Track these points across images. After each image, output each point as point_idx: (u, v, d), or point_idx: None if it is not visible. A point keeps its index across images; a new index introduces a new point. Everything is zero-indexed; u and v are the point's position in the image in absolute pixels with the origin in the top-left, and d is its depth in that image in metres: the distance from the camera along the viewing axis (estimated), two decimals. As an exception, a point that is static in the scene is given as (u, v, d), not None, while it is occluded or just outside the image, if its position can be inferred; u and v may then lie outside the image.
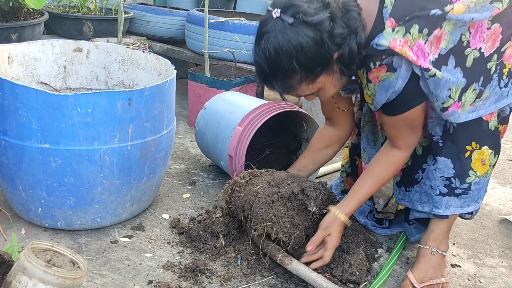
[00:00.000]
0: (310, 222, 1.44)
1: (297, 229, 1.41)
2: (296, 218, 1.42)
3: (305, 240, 1.44)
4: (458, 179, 1.40)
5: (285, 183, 1.46)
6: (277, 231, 1.39)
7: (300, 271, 1.35)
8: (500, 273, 1.60)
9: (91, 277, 1.34)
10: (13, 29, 2.41)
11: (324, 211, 1.44)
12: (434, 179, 1.42)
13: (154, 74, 1.83)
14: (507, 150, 2.87)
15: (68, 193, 1.44)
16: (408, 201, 1.51)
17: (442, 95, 1.25)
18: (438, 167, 1.40)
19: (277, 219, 1.40)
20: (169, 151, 1.68)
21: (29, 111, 1.34)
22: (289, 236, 1.40)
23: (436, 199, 1.43)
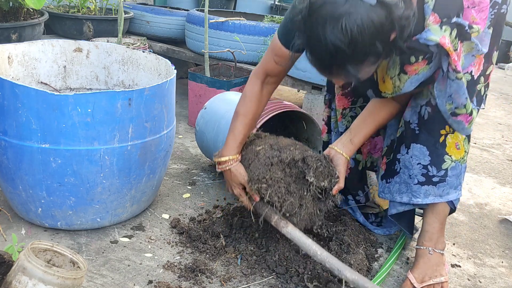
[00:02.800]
0: (306, 192, 1.42)
1: (291, 196, 1.39)
2: (292, 186, 1.41)
3: (297, 209, 1.42)
4: (434, 166, 1.41)
5: (288, 149, 1.43)
6: (271, 194, 1.38)
7: (295, 235, 1.34)
8: (500, 273, 1.60)
9: (91, 277, 1.34)
10: (13, 29, 2.41)
11: (322, 184, 1.41)
12: (412, 168, 1.44)
13: (154, 74, 1.83)
14: (507, 150, 2.87)
15: (68, 193, 1.44)
16: (388, 193, 1.54)
17: (458, 101, 1.29)
18: (414, 154, 1.43)
19: (272, 183, 1.39)
20: (169, 151, 1.68)
21: (29, 111, 1.34)
22: (283, 202, 1.38)
23: (414, 188, 1.45)
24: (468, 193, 2.20)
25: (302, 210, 1.42)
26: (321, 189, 1.42)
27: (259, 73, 1.50)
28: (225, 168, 1.49)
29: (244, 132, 1.50)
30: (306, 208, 1.42)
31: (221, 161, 1.50)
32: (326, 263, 1.29)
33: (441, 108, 1.34)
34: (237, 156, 1.49)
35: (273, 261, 1.45)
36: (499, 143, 3.00)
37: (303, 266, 1.44)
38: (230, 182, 1.51)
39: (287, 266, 1.44)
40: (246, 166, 1.46)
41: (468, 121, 1.35)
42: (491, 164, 2.61)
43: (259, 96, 1.51)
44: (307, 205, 1.42)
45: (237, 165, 1.48)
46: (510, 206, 2.11)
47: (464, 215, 1.98)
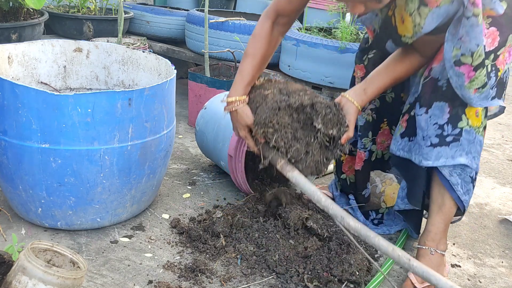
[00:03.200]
0: (313, 139, 1.38)
1: (297, 143, 1.37)
2: (300, 132, 1.38)
3: (303, 156, 1.39)
4: (450, 124, 1.37)
5: (297, 94, 1.39)
6: (277, 139, 1.35)
7: (300, 181, 1.32)
8: (500, 273, 1.60)
9: (91, 277, 1.34)
10: (13, 29, 2.41)
11: (330, 131, 1.37)
12: (427, 129, 1.40)
13: (154, 74, 1.83)
14: (507, 150, 2.87)
15: (68, 193, 1.44)
16: (408, 151, 1.48)
17: (466, 46, 1.23)
18: (433, 114, 1.38)
19: (279, 127, 1.36)
20: (169, 151, 1.68)
21: (29, 111, 1.34)
22: (288, 148, 1.36)
23: (426, 150, 1.40)
24: (468, 193, 2.20)
25: (308, 157, 1.38)
26: (329, 137, 1.38)
27: (269, 12, 1.45)
28: (232, 109, 1.45)
29: (252, 73, 1.45)
30: (312, 155, 1.39)
31: (228, 101, 1.46)
32: (329, 209, 1.26)
33: (447, 55, 1.28)
34: (244, 97, 1.45)
35: (273, 261, 1.45)
36: (499, 143, 2.99)
37: (303, 266, 1.44)
38: (236, 124, 1.48)
39: (287, 266, 1.44)
40: (253, 109, 1.42)
41: (470, 77, 1.27)
42: (491, 164, 2.61)
43: (269, 37, 1.46)
44: (313, 153, 1.38)
45: (244, 107, 1.44)
46: (510, 206, 2.11)
47: (464, 215, 1.98)
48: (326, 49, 2.40)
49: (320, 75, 2.43)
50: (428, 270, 1.10)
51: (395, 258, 1.13)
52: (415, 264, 1.12)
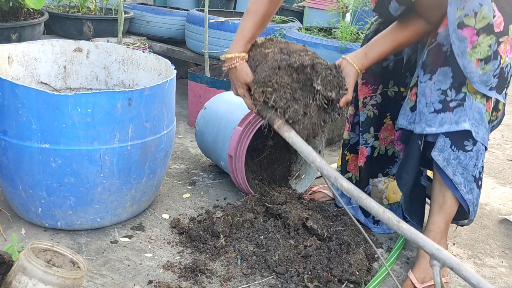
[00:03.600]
0: (312, 100, 1.38)
1: (296, 103, 1.36)
2: (298, 92, 1.37)
3: (301, 117, 1.39)
4: (454, 89, 1.36)
5: (297, 54, 1.38)
6: (276, 99, 1.35)
7: (296, 142, 1.32)
8: (500, 273, 1.60)
9: (91, 277, 1.34)
10: (13, 29, 2.41)
11: (329, 94, 1.37)
12: (430, 95, 1.38)
13: (154, 74, 1.83)
14: (507, 150, 2.87)
15: (68, 193, 1.44)
16: (413, 123, 1.46)
17: (469, 6, 1.24)
18: (438, 79, 1.37)
19: (278, 87, 1.35)
20: (169, 151, 1.68)
21: (29, 111, 1.34)
22: (287, 108, 1.36)
23: (429, 117, 1.38)
24: (468, 193, 2.20)
25: (306, 118, 1.39)
26: (328, 99, 1.38)
27: None
28: (231, 65, 1.43)
29: (252, 31, 1.43)
30: (310, 117, 1.39)
31: (227, 58, 1.44)
32: (323, 170, 1.26)
33: (450, 18, 1.27)
34: (243, 54, 1.43)
35: (273, 261, 1.45)
36: (499, 143, 2.99)
37: (303, 266, 1.44)
38: (234, 81, 1.46)
39: (287, 266, 1.44)
40: (253, 67, 1.41)
41: (473, 42, 1.26)
42: (491, 164, 2.60)
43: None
44: (311, 114, 1.38)
45: (243, 64, 1.42)
46: (510, 206, 2.11)
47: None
48: (326, 49, 2.40)
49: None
50: (416, 232, 1.10)
51: (385, 219, 1.14)
52: (404, 226, 1.11)
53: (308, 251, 1.49)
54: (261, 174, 1.96)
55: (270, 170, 2.00)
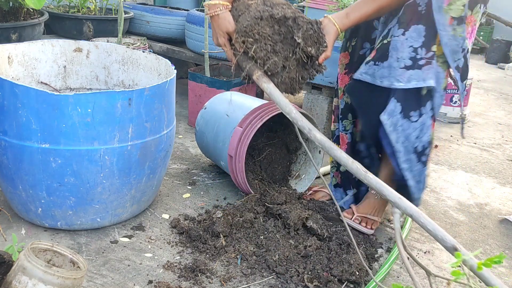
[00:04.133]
0: (291, 54, 1.41)
1: (275, 56, 1.39)
2: (279, 45, 1.40)
3: (280, 70, 1.42)
4: (424, 48, 1.43)
5: (280, 7, 1.42)
6: (256, 49, 1.38)
7: (274, 93, 1.36)
8: (500, 273, 1.60)
9: (91, 277, 1.34)
10: (13, 29, 2.41)
11: (309, 49, 1.40)
12: (403, 50, 1.44)
13: (154, 74, 1.83)
14: (507, 150, 2.87)
15: (68, 193, 1.44)
16: (371, 75, 1.50)
17: None
18: (410, 36, 1.43)
19: (260, 38, 1.38)
20: (169, 151, 1.68)
21: (29, 111, 1.34)
22: (266, 60, 1.38)
23: (399, 72, 1.43)
24: (468, 193, 2.20)
25: (285, 72, 1.42)
26: (307, 55, 1.42)
27: None
28: (214, 13, 1.46)
29: None
30: (289, 71, 1.43)
31: (210, 5, 1.47)
32: (298, 121, 1.30)
33: None
34: (227, 3, 1.46)
35: (273, 261, 1.45)
36: (499, 143, 3.00)
37: (303, 266, 1.44)
38: (216, 29, 1.49)
39: (287, 266, 1.44)
40: (235, 17, 1.44)
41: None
42: (491, 164, 2.61)
43: None
44: (290, 68, 1.42)
45: (226, 13, 1.45)
46: (510, 206, 2.11)
47: (464, 215, 1.98)
48: (326, 49, 2.39)
49: (320, 75, 2.43)
50: (381, 182, 1.16)
51: (353, 169, 1.20)
52: (370, 176, 1.17)
53: (308, 251, 1.49)
54: (261, 174, 1.96)
55: (270, 170, 2.00)
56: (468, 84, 3.35)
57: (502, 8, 7.11)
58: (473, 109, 3.79)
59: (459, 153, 2.74)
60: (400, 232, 1.08)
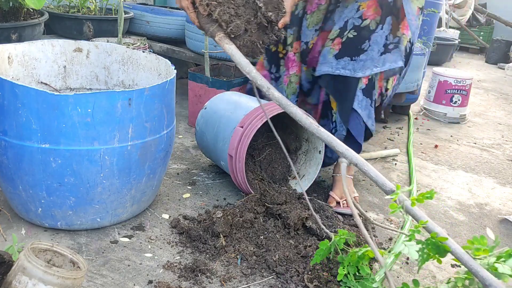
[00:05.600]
0: (253, 18, 1.49)
1: (238, 19, 1.47)
2: (241, 8, 1.48)
3: (242, 33, 1.49)
4: (392, 34, 1.72)
5: None
6: (220, 12, 1.44)
7: (235, 53, 1.43)
8: (500, 273, 1.60)
9: (91, 277, 1.34)
10: (13, 29, 2.41)
11: (269, 14, 1.49)
12: (380, 42, 1.69)
13: (154, 74, 1.83)
14: (507, 150, 2.87)
15: (68, 193, 1.44)
16: (351, 70, 1.72)
17: None
18: (385, 27, 1.69)
19: (223, 1, 1.46)
20: (169, 151, 1.68)
21: (29, 111, 1.34)
22: (229, 22, 1.46)
23: (377, 59, 1.69)
24: (468, 193, 2.20)
25: (247, 35, 1.50)
26: (268, 20, 1.50)
27: None
28: None
29: None
30: (251, 34, 1.50)
31: None
32: (257, 80, 1.37)
33: None
34: None
35: (273, 261, 1.45)
36: (499, 143, 3.00)
37: (303, 266, 1.44)
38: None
39: (287, 266, 1.44)
40: None
41: None
42: (491, 164, 2.61)
43: None
44: (252, 32, 1.50)
45: None
46: (510, 206, 2.11)
47: (464, 215, 1.98)
48: (326, 49, 2.39)
49: (320, 75, 2.43)
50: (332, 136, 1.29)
51: (307, 124, 1.30)
52: (322, 130, 1.29)
53: (308, 251, 1.49)
54: (261, 174, 1.96)
55: (270, 170, 2.00)
56: (468, 84, 3.35)
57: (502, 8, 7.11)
58: (473, 109, 3.79)
59: (459, 153, 2.74)
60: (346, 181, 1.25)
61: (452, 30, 6.18)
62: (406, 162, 2.49)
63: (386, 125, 3.12)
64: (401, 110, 3.38)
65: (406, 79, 2.51)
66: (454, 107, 3.36)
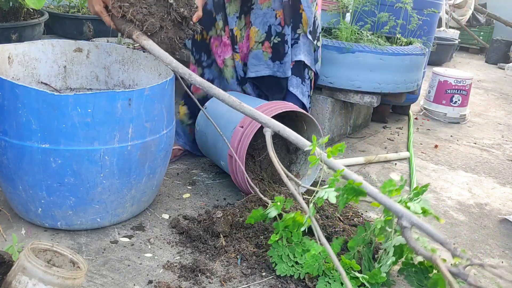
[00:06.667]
0: (166, 15, 1.54)
1: (152, 17, 1.52)
2: (154, 7, 1.53)
3: (158, 30, 1.55)
4: (293, 31, 1.99)
5: None
6: (134, 12, 1.50)
7: (154, 48, 1.51)
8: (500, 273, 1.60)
9: (91, 277, 1.34)
10: (13, 29, 2.41)
11: (181, 10, 1.55)
12: (290, 42, 1.99)
13: (154, 74, 1.83)
14: (507, 150, 2.87)
15: (68, 193, 1.44)
16: (282, 72, 2.00)
17: None
18: (290, 27, 1.98)
19: (135, 2, 1.51)
20: (169, 151, 1.68)
21: (29, 111, 1.34)
22: (144, 21, 1.51)
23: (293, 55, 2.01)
24: (468, 193, 2.20)
25: (163, 32, 1.56)
26: (181, 16, 1.57)
27: None
28: None
29: None
30: (166, 31, 1.56)
31: None
32: (178, 69, 1.46)
33: None
34: None
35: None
36: (499, 143, 3.00)
37: (303, 266, 1.44)
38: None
39: (287, 266, 1.44)
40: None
41: None
42: (491, 164, 2.61)
43: None
44: (167, 28, 1.56)
45: None
46: (510, 206, 2.11)
47: (464, 215, 1.98)
48: (326, 49, 2.40)
49: (320, 75, 2.43)
50: (253, 109, 1.40)
51: (230, 102, 1.41)
52: (245, 105, 1.40)
53: (308, 251, 1.49)
54: (261, 174, 1.96)
55: (270, 170, 2.00)
56: (468, 84, 3.35)
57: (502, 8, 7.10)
58: (473, 109, 3.79)
59: (459, 153, 2.74)
60: (272, 146, 1.32)
61: (452, 30, 6.18)
62: (406, 162, 2.49)
63: (386, 125, 3.12)
64: (401, 110, 3.38)
65: (406, 79, 2.51)
66: (454, 107, 3.36)
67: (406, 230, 1.12)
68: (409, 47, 2.53)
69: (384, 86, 2.44)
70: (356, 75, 2.41)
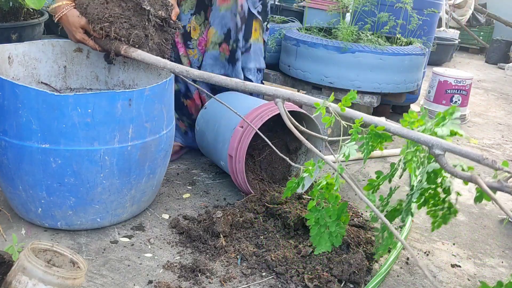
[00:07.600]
0: (147, 22, 1.55)
1: (135, 29, 1.53)
2: (133, 19, 1.54)
3: (144, 40, 1.57)
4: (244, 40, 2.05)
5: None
6: (116, 30, 1.51)
7: (144, 56, 1.53)
8: (500, 273, 1.60)
9: (91, 277, 1.34)
10: (13, 29, 2.41)
11: (159, 13, 1.56)
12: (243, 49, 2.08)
13: (154, 74, 1.83)
14: (507, 150, 2.87)
15: (68, 193, 1.44)
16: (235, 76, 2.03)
17: None
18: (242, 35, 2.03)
19: (114, 19, 1.51)
20: (169, 151, 1.68)
21: (29, 111, 1.34)
22: (129, 35, 1.52)
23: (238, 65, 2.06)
24: (468, 193, 2.20)
25: (149, 40, 1.57)
26: (160, 19, 1.59)
27: None
28: (61, 14, 1.58)
29: None
30: (152, 38, 1.57)
31: (55, 8, 1.59)
32: (175, 69, 1.46)
33: None
34: (69, 1, 1.58)
35: (273, 261, 1.45)
36: (499, 143, 3.00)
37: (303, 266, 1.44)
38: (70, 28, 1.60)
39: (287, 266, 1.44)
40: (82, 11, 1.56)
41: None
42: (491, 164, 2.60)
43: None
44: (152, 35, 1.57)
45: (72, 10, 1.57)
46: (510, 206, 2.11)
47: (464, 215, 1.98)
48: (326, 49, 2.40)
49: (320, 75, 2.44)
50: (258, 85, 1.38)
51: (233, 85, 1.39)
52: (248, 83, 1.38)
53: (308, 251, 1.49)
54: (261, 174, 1.96)
55: (270, 170, 2.00)
56: (468, 84, 3.35)
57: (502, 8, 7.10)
58: (473, 109, 3.79)
59: (459, 153, 2.74)
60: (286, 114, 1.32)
61: (452, 30, 6.18)
62: (406, 162, 2.49)
63: (386, 125, 3.11)
64: (401, 110, 3.38)
65: (406, 79, 2.51)
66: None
67: (441, 157, 1.13)
68: (409, 47, 2.53)
69: (384, 86, 2.45)
70: (356, 75, 2.41)
